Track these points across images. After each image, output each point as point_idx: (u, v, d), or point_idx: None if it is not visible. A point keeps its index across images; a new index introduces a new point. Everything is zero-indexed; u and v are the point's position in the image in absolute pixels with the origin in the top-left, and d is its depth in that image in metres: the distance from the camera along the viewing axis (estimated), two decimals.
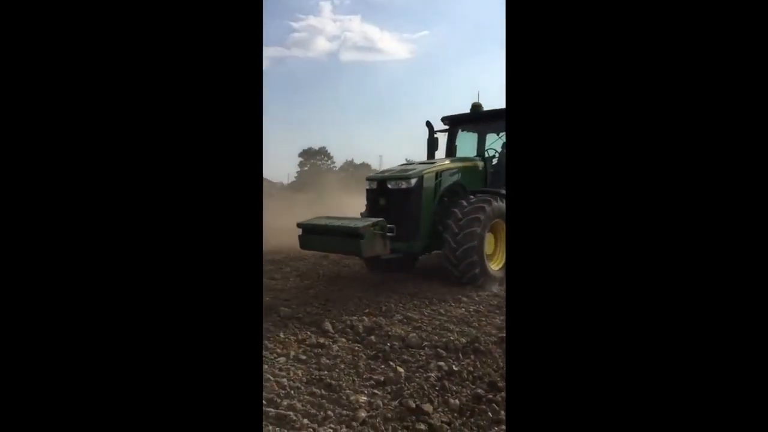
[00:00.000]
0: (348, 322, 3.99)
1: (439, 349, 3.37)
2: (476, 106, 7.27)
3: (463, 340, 3.53)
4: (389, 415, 2.42)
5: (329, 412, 2.42)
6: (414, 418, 2.41)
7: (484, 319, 4.34)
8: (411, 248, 5.56)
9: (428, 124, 7.15)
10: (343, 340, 3.62)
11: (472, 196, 5.67)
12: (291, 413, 2.40)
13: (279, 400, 2.55)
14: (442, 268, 5.41)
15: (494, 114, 6.88)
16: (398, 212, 5.44)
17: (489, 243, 5.67)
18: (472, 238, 5.23)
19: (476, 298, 4.95)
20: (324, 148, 47.53)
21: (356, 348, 3.43)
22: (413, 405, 2.52)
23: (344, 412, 2.44)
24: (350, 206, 9.44)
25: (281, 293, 5.19)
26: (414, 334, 3.66)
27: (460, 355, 3.28)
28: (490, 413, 2.44)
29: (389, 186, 5.60)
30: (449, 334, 3.72)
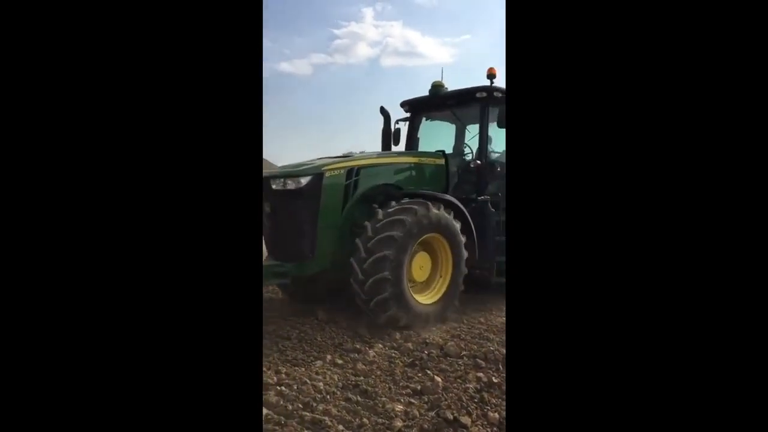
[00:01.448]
0: (384, 327, 3.95)
1: (478, 359, 3.27)
2: (436, 87, 5.54)
3: (504, 350, 3.42)
4: (426, 426, 2.35)
5: (365, 420, 2.38)
6: (451, 430, 2.33)
7: None
8: (301, 270, 4.05)
9: (382, 110, 5.61)
10: (380, 345, 3.58)
11: (393, 202, 4.00)
12: (326, 418, 2.38)
13: (315, 404, 2.54)
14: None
15: (463, 96, 5.19)
16: (285, 222, 4.02)
17: (420, 267, 4.12)
18: (382, 266, 3.68)
19: None
20: (363, 152, 47.65)
21: (393, 354, 3.38)
22: (451, 416, 2.44)
23: (380, 420, 2.39)
24: None
25: (314, 295, 5.20)
26: (452, 343, 3.57)
27: (500, 366, 3.17)
28: None
29: (273, 187, 4.01)
30: (488, 343, 3.61)
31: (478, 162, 5.18)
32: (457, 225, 4.26)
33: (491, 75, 5.09)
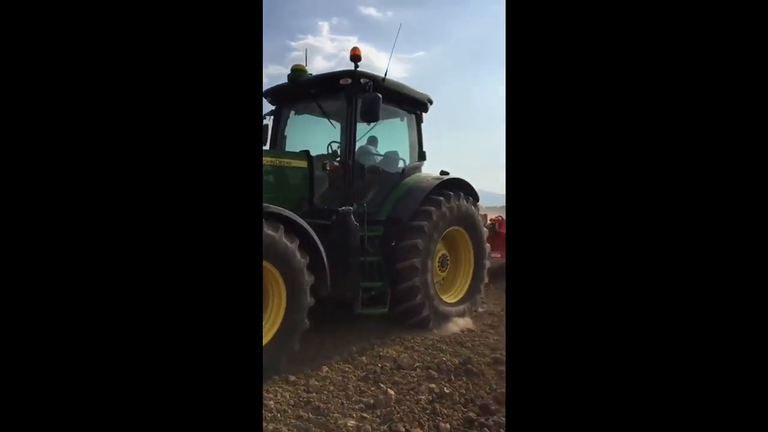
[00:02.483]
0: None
1: (431, 371, 3.30)
2: (295, 72, 4.60)
3: (456, 360, 3.47)
4: None
5: None
6: None
7: (477, 339, 4.28)
8: None
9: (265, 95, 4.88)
10: (334, 360, 3.55)
11: None
12: None
13: (265, 424, 2.48)
14: None
15: (326, 83, 4.35)
16: None
17: None
18: None
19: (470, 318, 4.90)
20: None
21: (347, 369, 3.36)
22: (403, 429, 2.45)
23: None
24: None
25: None
26: (406, 355, 3.59)
27: (452, 376, 3.22)
28: None
29: None
30: (441, 354, 3.66)
31: (335, 163, 4.29)
32: (294, 244, 3.25)
33: (355, 57, 4.10)
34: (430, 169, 5.23)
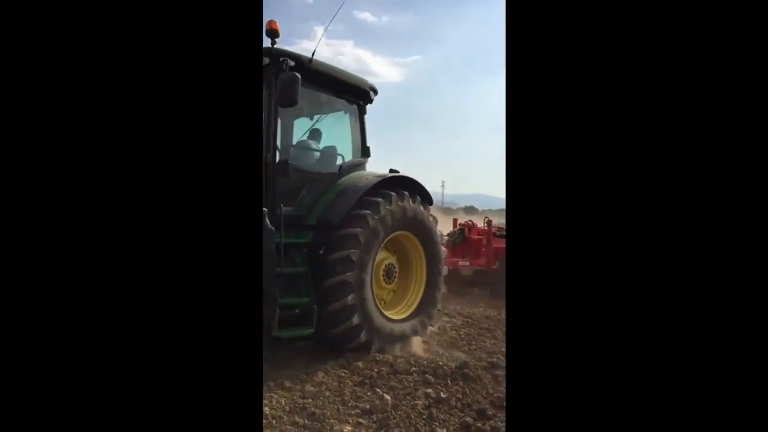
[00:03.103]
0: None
1: (427, 375, 3.29)
2: None
3: (452, 364, 3.46)
4: None
5: None
6: None
7: (474, 342, 4.27)
8: None
9: None
10: (330, 365, 3.52)
11: None
12: None
13: None
14: None
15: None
16: None
17: None
18: None
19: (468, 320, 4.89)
20: None
21: (343, 374, 3.34)
22: None
23: None
24: None
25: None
26: (402, 359, 3.57)
27: (449, 381, 3.20)
28: None
29: None
30: (438, 359, 3.64)
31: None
32: None
33: (272, 32, 3.52)
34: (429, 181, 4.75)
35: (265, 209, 3.31)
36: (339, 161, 4.35)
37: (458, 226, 7.73)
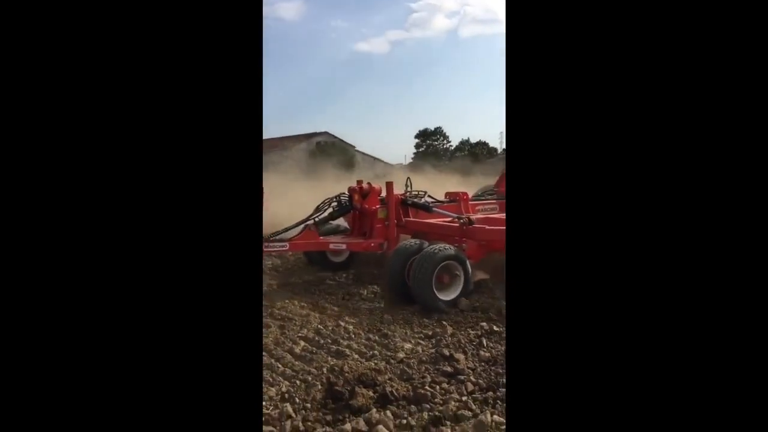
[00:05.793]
0: None
1: (490, 313, 3.77)
2: None
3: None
4: (424, 358, 2.94)
5: (376, 351, 3.04)
6: (445, 363, 2.90)
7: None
8: None
9: None
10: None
11: None
12: (347, 350, 3.07)
13: (341, 341, 3.24)
14: None
15: None
16: None
17: None
18: None
19: None
20: (440, 128, 46.82)
21: (415, 310, 3.97)
22: (447, 353, 3.00)
23: (388, 353, 3.03)
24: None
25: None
26: (466, 300, 4.07)
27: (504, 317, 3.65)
28: None
29: None
30: (502, 300, 4.06)
31: None
32: None
33: None
34: None
35: None
36: None
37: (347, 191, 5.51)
